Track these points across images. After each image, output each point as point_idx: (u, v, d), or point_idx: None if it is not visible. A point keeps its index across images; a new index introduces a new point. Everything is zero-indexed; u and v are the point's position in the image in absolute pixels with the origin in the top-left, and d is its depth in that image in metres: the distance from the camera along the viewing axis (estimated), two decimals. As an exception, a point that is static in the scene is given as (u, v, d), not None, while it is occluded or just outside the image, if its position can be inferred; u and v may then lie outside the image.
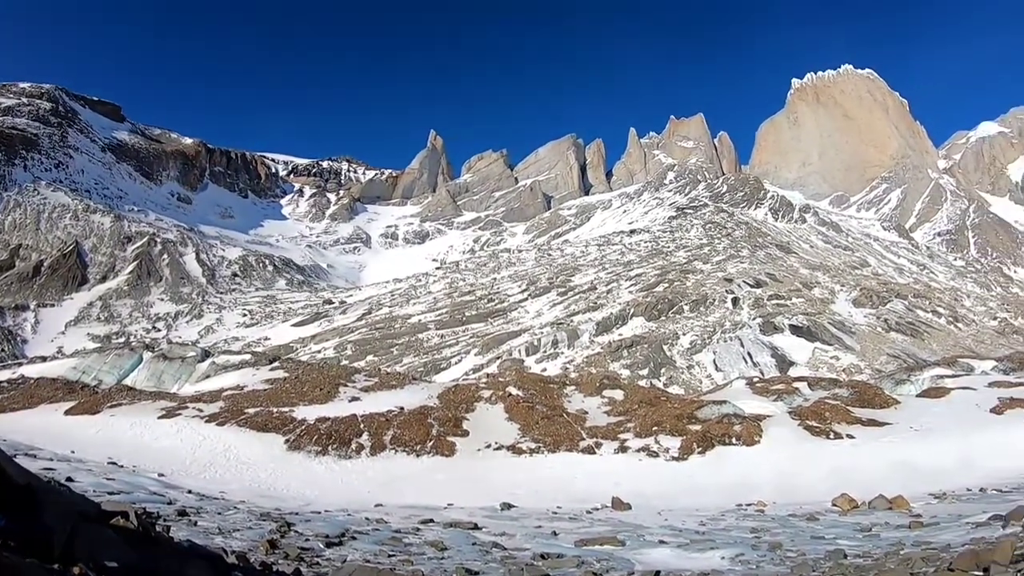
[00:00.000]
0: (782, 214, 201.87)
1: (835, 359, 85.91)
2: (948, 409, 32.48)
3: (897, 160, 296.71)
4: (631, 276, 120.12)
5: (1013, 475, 24.19)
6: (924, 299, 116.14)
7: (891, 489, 21.64)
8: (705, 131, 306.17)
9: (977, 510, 18.09)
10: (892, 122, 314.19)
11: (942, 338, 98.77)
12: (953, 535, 14.84)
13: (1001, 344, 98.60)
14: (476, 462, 29.06)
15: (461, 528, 16.46)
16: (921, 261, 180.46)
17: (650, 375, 79.89)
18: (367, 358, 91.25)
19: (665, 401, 36.35)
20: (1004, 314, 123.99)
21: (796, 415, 32.24)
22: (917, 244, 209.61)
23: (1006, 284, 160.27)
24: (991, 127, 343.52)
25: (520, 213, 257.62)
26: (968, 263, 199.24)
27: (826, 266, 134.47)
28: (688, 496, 24.30)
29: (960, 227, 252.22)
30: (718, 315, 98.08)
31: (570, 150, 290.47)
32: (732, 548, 14.28)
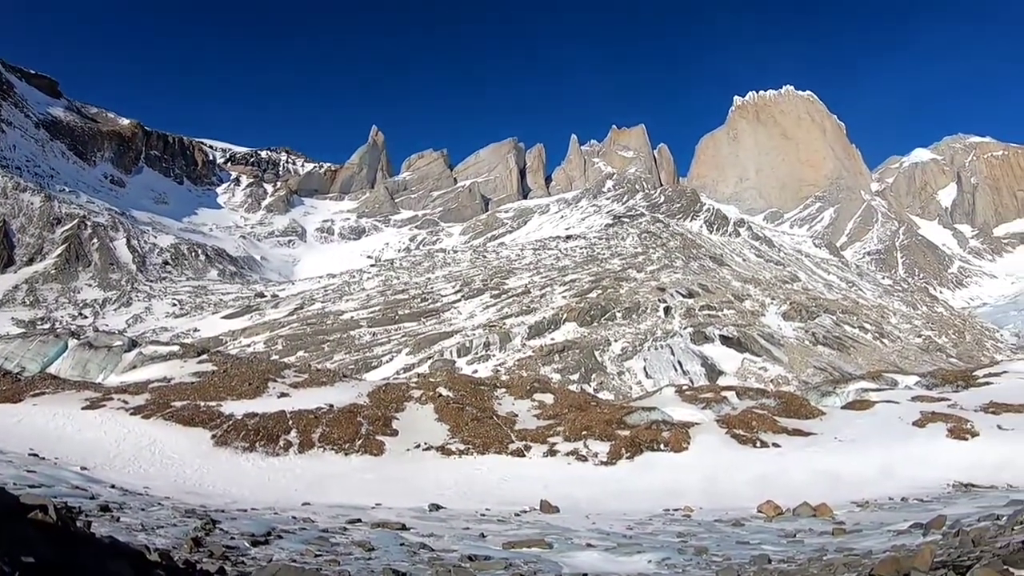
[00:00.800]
0: (717, 227, 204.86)
1: (763, 370, 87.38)
2: (872, 421, 33.19)
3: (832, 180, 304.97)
4: (565, 281, 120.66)
5: (933, 485, 24.94)
6: (852, 315, 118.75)
7: (815, 497, 22.22)
8: (646, 142, 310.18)
9: (898, 518, 18.59)
10: (829, 143, 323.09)
11: (868, 353, 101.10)
12: (875, 542, 15.22)
13: (925, 361, 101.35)
14: (405, 462, 28.87)
15: (389, 528, 16.34)
16: (850, 278, 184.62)
17: (581, 380, 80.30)
18: (298, 354, 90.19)
19: (595, 406, 36.52)
20: (928, 332, 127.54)
21: (724, 423, 32.62)
22: (847, 262, 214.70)
23: (931, 304, 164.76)
24: (924, 154, 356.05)
25: (457, 214, 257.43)
26: (896, 282, 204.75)
27: (758, 279, 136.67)
28: (616, 500, 24.50)
29: (889, 248, 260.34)
30: (650, 323, 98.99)
31: (511, 153, 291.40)
32: (659, 552, 14.42)
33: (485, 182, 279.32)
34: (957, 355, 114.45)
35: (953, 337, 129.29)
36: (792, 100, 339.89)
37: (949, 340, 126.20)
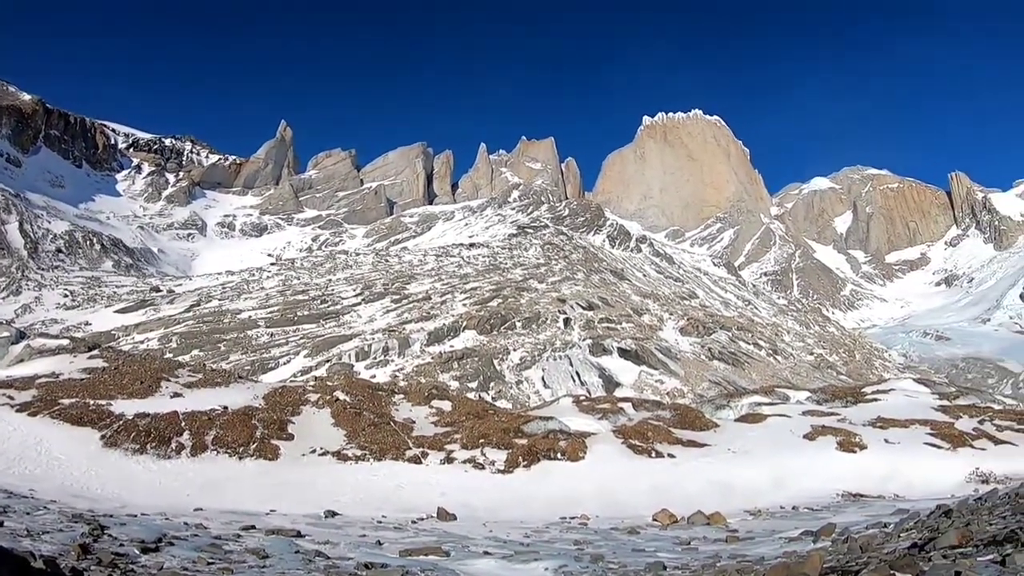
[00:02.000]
0: (619, 242, 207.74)
1: (660, 382, 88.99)
2: (764, 433, 34.15)
3: (733, 203, 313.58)
4: (467, 289, 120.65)
5: (823, 495, 25.91)
6: (747, 332, 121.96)
7: (709, 505, 22.80)
8: (554, 155, 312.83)
9: (789, 526, 19.26)
10: (732, 167, 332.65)
11: (761, 368, 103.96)
12: (767, 549, 15.67)
13: (816, 377, 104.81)
14: (301, 467, 28.34)
15: (284, 535, 16.05)
16: (746, 297, 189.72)
17: (479, 388, 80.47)
18: (192, 352, 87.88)
19: (493, 414, 36.57)
20: (820, 350, 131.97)
21: (620, 433, 33.00)
22: (744, 281, 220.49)
23: (823, 324, 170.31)
24: (823, 182, 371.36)
25: (362, 216, 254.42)
26: (790, 302, 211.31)
27: (657, 295, 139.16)
28: (513, 508, 24.56)
29: (785, 269, 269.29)
30: (549, 334, 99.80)
31: (419, 158, 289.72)
32: (556, 560, 14.49)
33: (392, 185, 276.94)
34: (847, 373, 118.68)
35: (844, 356, 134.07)
36: (700, 123, 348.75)
37: (840, 358, 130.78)
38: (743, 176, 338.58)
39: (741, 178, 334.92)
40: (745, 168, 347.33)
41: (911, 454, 30.28)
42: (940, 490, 25.19)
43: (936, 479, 27.00)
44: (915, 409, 39.78)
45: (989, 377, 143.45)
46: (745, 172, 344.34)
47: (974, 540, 10.93)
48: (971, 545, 10.62)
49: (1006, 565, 8.42)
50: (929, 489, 25.73)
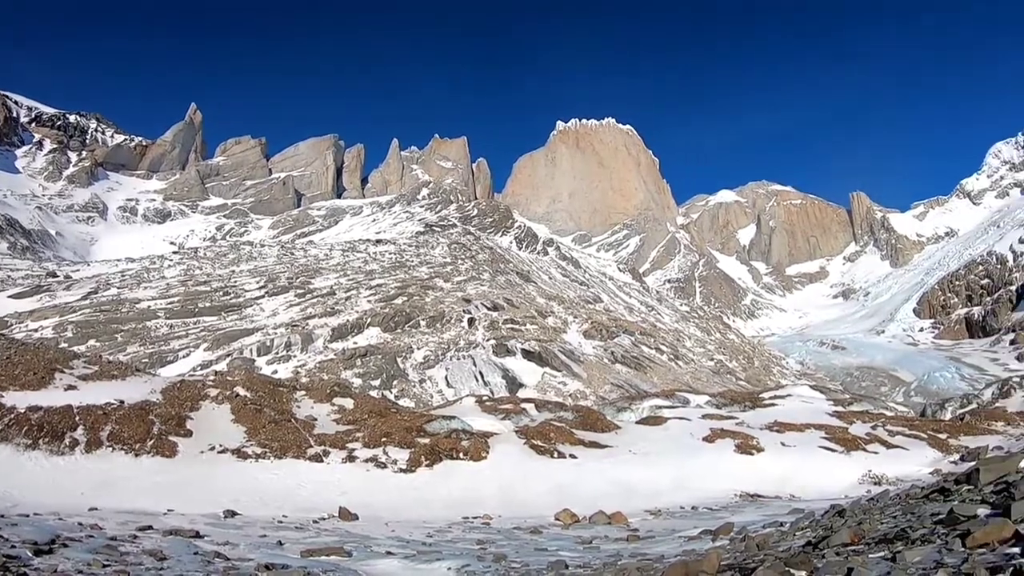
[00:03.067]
0: (526, 244, 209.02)
1: (563, 384, 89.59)
2: (665, 435, 34.66)
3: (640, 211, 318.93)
4: (372, 285, 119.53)
5: (721, 495, 26.50)
6: (649, 336, 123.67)
7: (610, 505, 23.14)
8: (466, 154, 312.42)
9: (689, 526, 19.70)
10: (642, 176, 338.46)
11: (663, 373, 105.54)
12: (667, 547, 15.98)
13: (716, 382, 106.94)
14: (199, 465, 27.50)
15: (182, 536, 15.62)
16: (650, 303, 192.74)
17: (382, 386, 79.79)
18: (89, 343, 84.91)
19: (395, 413, 36.22)
20: (720, 356, 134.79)
21: (523, 434, 33.05)
22: (648, 287, 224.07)
23: (724, 331, 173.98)
24: (729, 195, 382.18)
25: (269, 206, 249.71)
26: (692, 309, 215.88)
27: (562, 298, 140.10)
28: (416, 508, 24.41)
29: (689, 277, 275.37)
30: (453, 333, 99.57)
31: (330, 150, 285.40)
32: (458, 559, 14.52)
33: (300, 177, 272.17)
34: (746, 378, 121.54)
35: (743, 362, 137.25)
36: (612, 131, 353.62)
37: (739, 365, 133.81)
38: (652, 185, 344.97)
39: (649, 187, 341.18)
40: (654, 177, 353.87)
41: (807, 457, 31.24)
42: (834, 491, 25.97)
43: (830, 481, 27.88)
44: (811, 414, 40.91)
45: (882, 385, 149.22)
46: (654, 181, 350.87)
47: (866, 538, 11.32)
48: (863, 543, 11.00)
49: (896, 561, 8.75)
50: (824, 490, 26.53)
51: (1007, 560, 7.57)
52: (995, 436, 36.95)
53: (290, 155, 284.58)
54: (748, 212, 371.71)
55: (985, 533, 8.61)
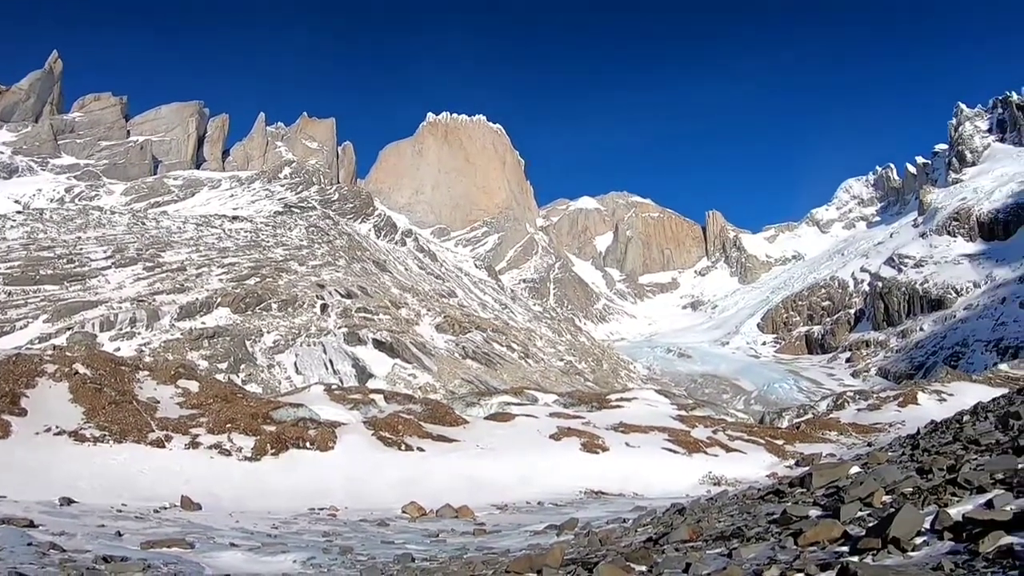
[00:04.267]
0: (385, 233, 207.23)
1: (413, 376, 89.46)
2: (512, 432, 34.93)
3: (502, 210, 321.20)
4: (225, 264, 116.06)
5: (567, 491, 26.91)
6: (501, 334, 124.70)
7: (457, 499, 23.18)
8: (333, 136, 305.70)
9: (535, 520, 20.02)
10: (506, 175, 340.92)
11: (513, 370, 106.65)
12: (513, 541, 16.22)
13: (564, 382, 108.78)
14: (34, 448, 25.77)
15: (15, 525, 14.69)
16: (504, 301, 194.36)
17: (229, 370, 77.76)
18: (-88, 308, 79.51)
19: (241, 398, 35.22)
20: (570, 357, 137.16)
21: (371, 425, 32.66)
22: (503, 286, 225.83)
23: (575, 333, 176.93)
24: (590, 202, 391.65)
25: (123, 171, 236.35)
26: (546, 310, 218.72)
27: (417, 290, 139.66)
28: (261, 498, 23.79)
29: (544, 279, 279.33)
30: (305, 319, 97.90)
31: (193, 117, 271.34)
32: (304, 552, 14.32)
33: (160, 142, 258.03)
34: (594, 380, 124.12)
35: (592, 364, 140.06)
36: (481, 129, 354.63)
37: (588, 366, 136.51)
38: (515, 185, 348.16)
39: (513, 187, 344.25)
40: (518, 178, 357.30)
41: (650, 457, 32.13)
42: (676, 491, 26.77)
43: (672, 480, 28.76)
44: (655, 417, 42.08)
45: (724, 393, 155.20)
46: (518, 182, 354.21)
47: (704, 535, 11.77)
48: (701, 540, 11.43)
49: (732, 558, 9.13)
50: (666, 489, 27.28)
51: (836, 558, 8.04)
52: (828, 444, 39.03)
53: (151, 118, 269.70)
54: (607, 220, 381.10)
55: (816, 532, 9.10)
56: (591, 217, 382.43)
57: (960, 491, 9.53)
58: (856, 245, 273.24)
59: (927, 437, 20.66)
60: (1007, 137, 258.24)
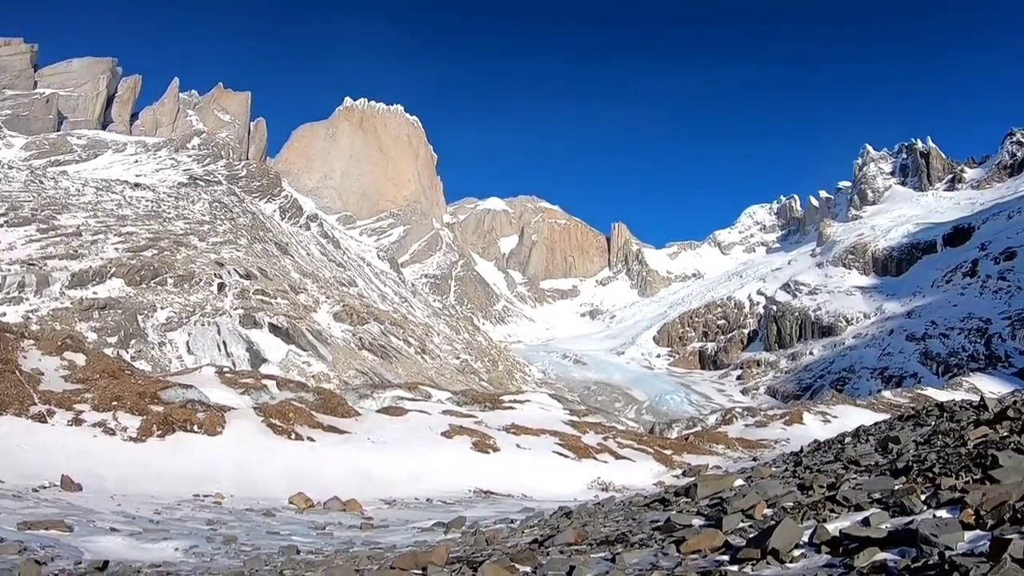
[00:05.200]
0: (290, 216, 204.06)
1: (307, 364, 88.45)
2: (404, 427, 34.78)
3: (410, 203, 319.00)
4: (122, 232, 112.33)
5: (456, 490, 26.97)
6: (399, 328, 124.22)
7: (346, 492, 22.96)
8: (246, 111, 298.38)
9: (423, 517, 20.04)
10: (418, 168, 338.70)
11: (408, 365, 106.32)
12: (400, 537, 16.23)
13: (459, 380, 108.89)
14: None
15: None
16: (404, 294, 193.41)
17: (119, 344, 75.53)
18: None
19: (129, 376, 34.10)
20: (466, 356, 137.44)
21: (261, 411, 32.03)
22: (404, 279, 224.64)
23: (473, 332, 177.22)
24: (498, 203, 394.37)
25: (26, 124, 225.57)
26: (445, 307, 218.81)
27: (317, 276, 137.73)
28: (145, 481, 23.01)
29: (446, 275, 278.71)
30: (201, 297, 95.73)
31: (105, 74, 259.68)
32: (186, 539, 14.06)
33: (67, 98, 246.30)
34: (489, 380, 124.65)
35: (488, 364, 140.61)
36: (398, 119, 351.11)
37: (483, 366, 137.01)
38: (426, 179, 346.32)
39: (423, 180, 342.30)
40: (429, 172, 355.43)
41: (540, 460, 32.50)
42: (564, 494, 27.14)
43: (561, 484, 29.11)
44: (547, 421, 42.49)
45: (617, 401, 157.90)
46: (428, 176, 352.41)
47: (589, 539, 12.02)
48: (586, 543, 11.67)
49: (615, 562, 9.40)
50: (554, 492, 27.61)
51: (717, 566, 8.34)
52: (715, 457, 40.11)
53: (60, 71, 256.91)
54: (514, 223, 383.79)
55: (698, 541, 9.41)
56: (498, 218, 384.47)
57: (839, 508, 9.96)
58: (755, 269, 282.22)
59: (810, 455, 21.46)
60: (908, 181, 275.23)
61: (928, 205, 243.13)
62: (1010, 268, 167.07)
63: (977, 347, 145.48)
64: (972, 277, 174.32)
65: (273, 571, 11.51)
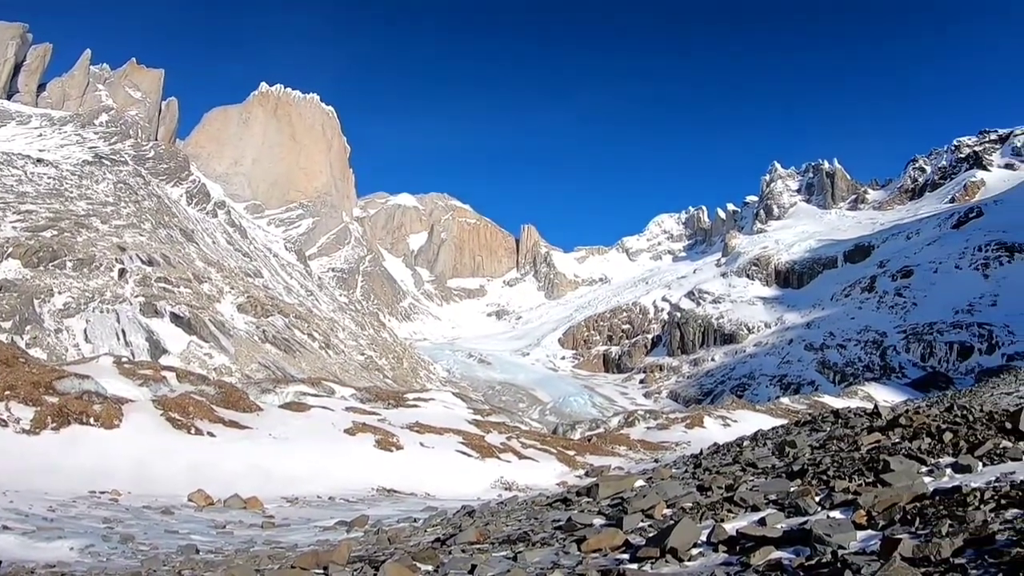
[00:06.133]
0: (197, 201, 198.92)
1: (209, 356, 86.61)
2: (307, 423, 34.35)
3: (320, 194, 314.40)
4: (21, 211, 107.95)
5: (359, 488, 26.83)
6: (304, 321, 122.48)
7: (247, 490, 22.61)
8: (159, 89, 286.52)
9: (325, 515, 19.92)
10: (331, 160, 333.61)
11: (312, 360, 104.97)
12: (301, 536, 16.11)
13: (363, 377, 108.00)
14: None
15: None
16: (310, 288, 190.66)
17: (13, 330, 72.90)
18: None
19: (24, 364, 32.73)
20: (371, 352, 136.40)
21: (160, 404, 31.14)
22: (311, 272, 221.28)
23: (379, 328, 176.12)
24: (409, 199, 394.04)
25: None
26: (351, 302, 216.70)
27: (222, 265, 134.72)
28: (38, 476, 21.99)
29: (354, 270, 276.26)
30: (101, 282, 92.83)
31: (14, 40, 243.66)
32: (82, 538, 13.68)
33: None
34: (393, 378, 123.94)
35: (392, 361, 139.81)
36: (313, 108, 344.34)
37: (388, 363, 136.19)
38: (338, 171, 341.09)
39: (335, 172, 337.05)
40: (342, 164, 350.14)
41: (444, 458, 32.56)
42: (467, 493, 27.32)
43: (465, 483, 29.31)
44: (451, 419, 42.59)
45: (521, 402, 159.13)
46: (341, 168, 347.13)
47: (491, 538, 12.13)
48: (488, 542, 11.78)
49: (517, 561, 9.58)
50: (458, 491, 27.77)
51: (617, 564, 8.57)
52: (618, 458, 40.75)
53: None
54: (424, 220, 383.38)
55: (599, 540, 9.61)
56: (408, 214, 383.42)
57: (736, 508, 10.30)
58: (661, 276, 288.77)
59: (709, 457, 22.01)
60: (813, 199, 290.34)
61: (831, 223, 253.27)
62: (907, 285, 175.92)
63: (873, 358, 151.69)
64: (870, 292, 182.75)
65: (171, 571, 11.32)
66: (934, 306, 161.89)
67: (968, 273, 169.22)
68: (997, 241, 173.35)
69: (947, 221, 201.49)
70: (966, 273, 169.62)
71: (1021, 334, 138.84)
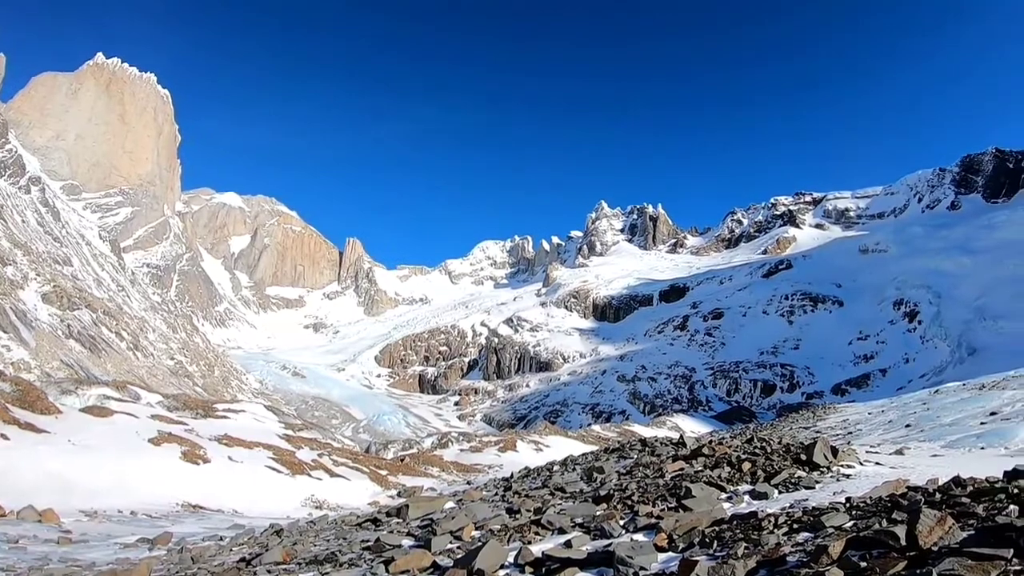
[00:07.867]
0: (11, 174, 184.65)
1: (7, 349, 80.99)
2: (110, 430, 32.69)
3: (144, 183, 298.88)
4: None
5: (164, 503, 25.81)
6: (113, 319, 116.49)
7: (43, 501, 21.13)
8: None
9: (127, 531, 19.12)
10: (159, 147, 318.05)
11: (119, 361, 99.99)
12: (101, 553, 15.41)
13: (172, 383, 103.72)
14: None
15: None
16: (122, 283, 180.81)
17: None
18: None
19: None
20: (182, 358, 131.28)
21: (-53, 401, 29.25)
22: (125, 265, 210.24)
23: (191, 332, 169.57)
24: (235, 199, 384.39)
25: None
26: (165, 301, 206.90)
27: (30, 248, 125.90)
28: None
29: (170, 268, 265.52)
30: None
31: None
32: None
33: None
34: (204, 386, 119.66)
35: (203, 368, 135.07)
36: (148, 89, 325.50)
37: (199, 370, 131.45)
38: (165, 160, 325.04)
39: (162, 161, 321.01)
40: (170, 153, 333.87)
41: (253, 474, 31.81)
42: (277, 511, 26.89)
43: (274, 500, 28.81)
44: (262, 433, 41.76)
45: (334, 418, 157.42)
46: (168, 157, 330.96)
47: (298, 558, 12.14)
48: (295, 562, 11.79)
49: (322, 579, 9.66)
50: (267, 509, 27.28)
51: (423, 586, 8.78)
52: (430, 479, 41.01)
53: None
54: (248, 222, 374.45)
55: (407, 561, 9.85)
56: (232, 215, 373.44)
57: (543, 531, 10.79)
58: (481, 300, 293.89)
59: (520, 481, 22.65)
60: (635, 240, 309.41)
61: (650, 263, 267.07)
62: (716, 326, 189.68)
63: (682, 391, 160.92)
64: (682, 330, 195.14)
65: (-49, 593, 10.71)
66: (741, 346, 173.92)
67: (774, 319, 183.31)
68: (803, 292, 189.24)
69: (759, 270, 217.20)
70: (772, 319, 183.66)
71: (820, 375, 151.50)
